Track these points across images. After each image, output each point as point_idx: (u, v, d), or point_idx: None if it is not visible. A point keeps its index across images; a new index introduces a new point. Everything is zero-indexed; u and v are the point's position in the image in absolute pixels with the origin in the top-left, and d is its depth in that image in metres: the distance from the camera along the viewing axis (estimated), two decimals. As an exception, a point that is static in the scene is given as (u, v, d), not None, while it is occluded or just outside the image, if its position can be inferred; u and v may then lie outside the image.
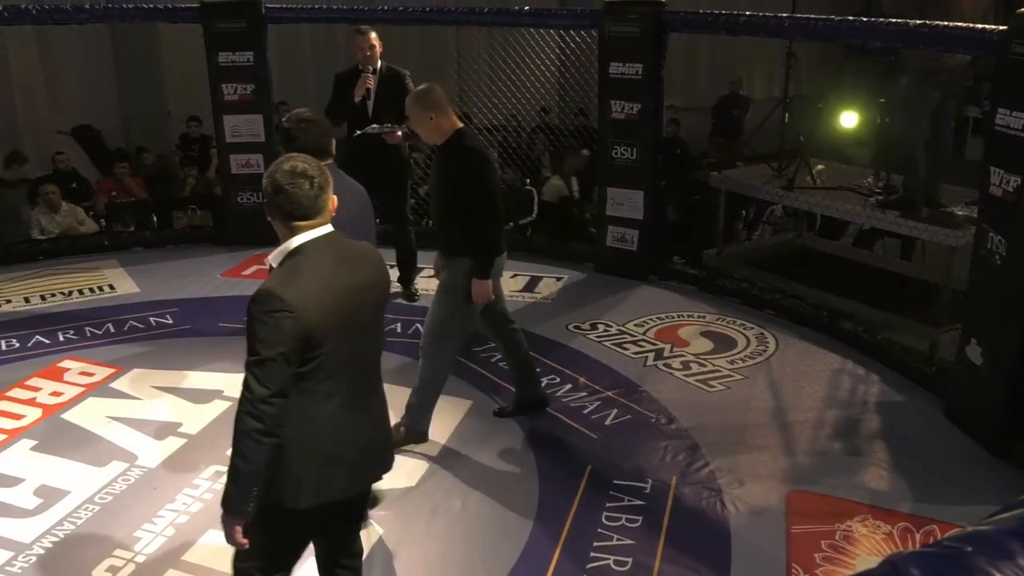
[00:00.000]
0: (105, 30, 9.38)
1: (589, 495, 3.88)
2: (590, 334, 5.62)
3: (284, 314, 2.26)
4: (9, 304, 6.15)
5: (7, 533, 3.57)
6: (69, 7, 7.08)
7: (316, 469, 2.44)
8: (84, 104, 9.42)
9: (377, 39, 5.73)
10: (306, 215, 2.41)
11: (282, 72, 7.26)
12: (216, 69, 7.09)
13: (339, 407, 2.45)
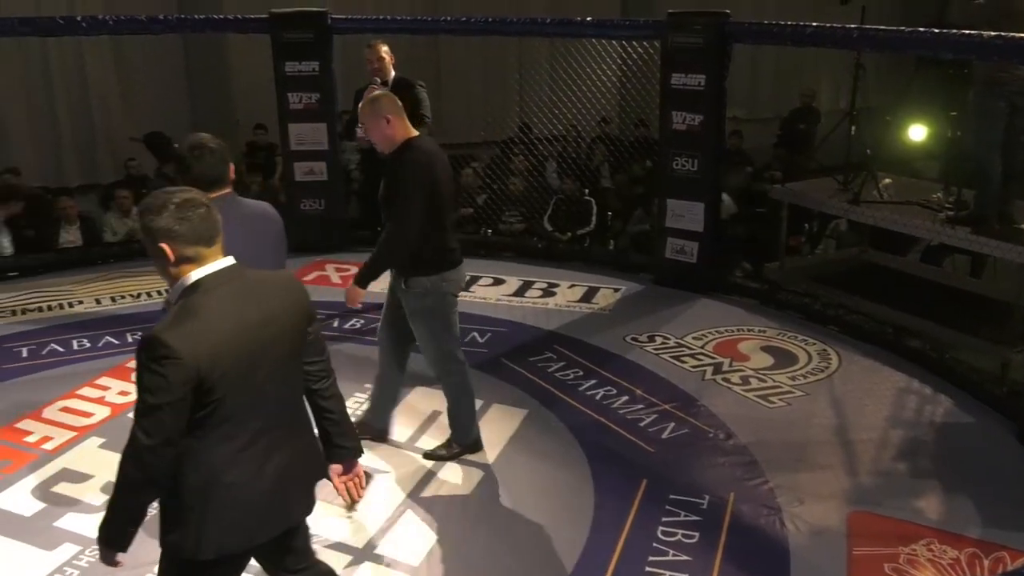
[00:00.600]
0: (177, 40, 9.65)
1: (645, 509, 3.85)
2: (647, 346, 5.57)
3: (171, 361, 2.10)
4: (81, 305, 6.35)
5: (75, 528, 3.67)
6: (144, 18, 7.30)
7: (216, 517, 2.28)
8: (156, 111, 9.69)
9: (388, 52, 5.76)
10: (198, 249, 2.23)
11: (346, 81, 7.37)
12: (283, 78, 7.24)
13: (239, 451, 2.28)
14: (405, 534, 3.67)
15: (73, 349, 5.53)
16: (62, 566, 3.44)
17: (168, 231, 2.20)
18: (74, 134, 9.53)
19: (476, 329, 5.85)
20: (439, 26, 7.92)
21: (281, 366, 2.34)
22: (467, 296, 6.51)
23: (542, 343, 5.64)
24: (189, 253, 2.23)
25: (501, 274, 7.02)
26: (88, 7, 8.99)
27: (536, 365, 5.29)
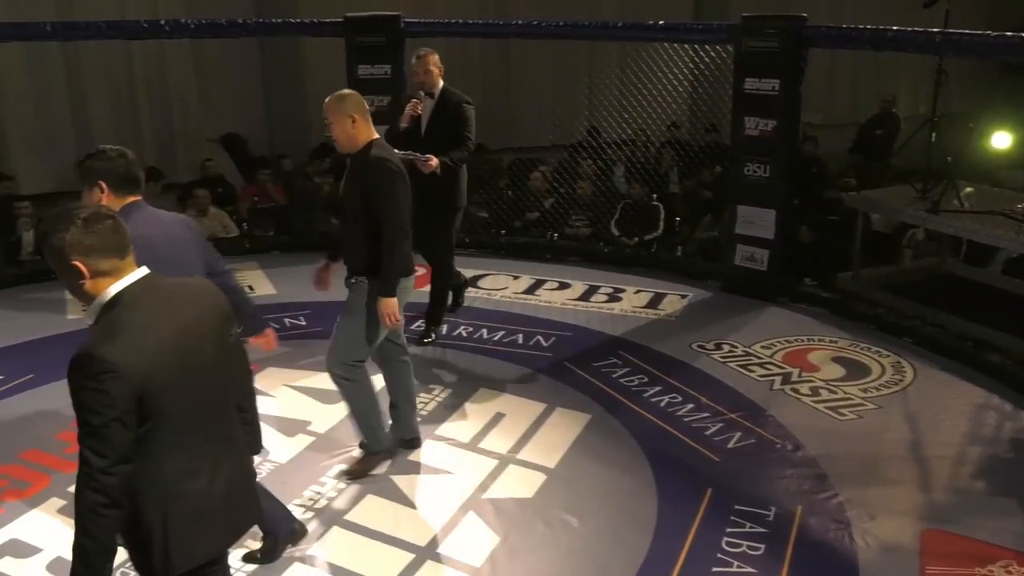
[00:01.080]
0: (254, 43, 9.88)
1: (709, 518, 3.79)
2: (714, 354, 5.50)
3: (109, 376, 2.03)
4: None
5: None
6: (224, 22, 7.49)
7: (180, 530, 2.23)
8: (232, 113, 9.93)
9: (437, 63, 5.40)
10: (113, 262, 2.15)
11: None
12: (355, 81, 7.35)
13: (189, 460, 2.23)
14: (467, 535, 3.68)
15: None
16: (136, 553, 3.54)
17: (79, 245, 2.11)
18: (155, 134, 9.81)
19: (541, 333, 5.85)
20: (510, 30, 7.95)
21: (212, 373, 2.29)
22: (532, 299, 6.54)
23: (607, 348, 5.61)
24: (104, 267, 2.14)
25: (567, 278, 7.01)
26: (170, 10, 9.26)
27: (600, 370, 5.27)
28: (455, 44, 10.46)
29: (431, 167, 5.07)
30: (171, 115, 9.78)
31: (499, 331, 5.89)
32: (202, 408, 2.27)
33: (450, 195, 5.43)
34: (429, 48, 5.44)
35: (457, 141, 5.26)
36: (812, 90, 6.39)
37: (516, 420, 4.66)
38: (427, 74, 5.33)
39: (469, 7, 10.81)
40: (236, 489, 2.38)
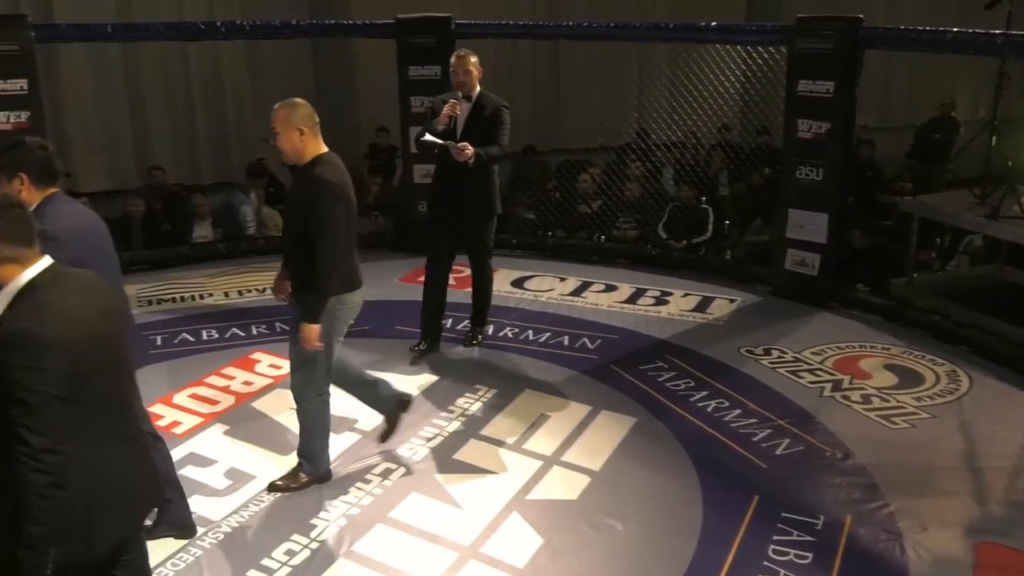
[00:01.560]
0: (307, 44, 10.01)
1: (756, 525, 3.75)
2: (763, 359, 5.43)
3: (47, 351, 2.04)
4: (211, 297, 6.67)
5: (200, 509, 3.84)
6: (278, 23, 7.60)
7: (103, 512, 2.21)
8: (285, 113, 10.06)
9: (476, 64, 5.24)
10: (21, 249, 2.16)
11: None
12: (405, 82, 7.41)
13: (111, 444, 2.25)
14: (510, 535, 3.69)
15: (202, 339, 5.81)
16: (187, 545, 3.60)
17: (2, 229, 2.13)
18: (209, 134, 9.99)
19: (586, 335, 5.84)
20: (560, 31, 7.94)
21: (119, 363, 2.35)
22: (578, 301, 6.52)
23: (653, 351, 5.58)
24: (12, 254, 2.15)
25: (613, 280, 6.97)
26: (226, 12, 9.42)
27: (646, 373, 5.24)
28: (505, 45, 10.50)
29: (466, 156, 4.95)
30: (225, 115, 9.94)
31: (545, 332, 5.89)
32: (118, 394, 2.33)
33: (484, 199, 5.29)
34: (468, 49, 5.32)
35: (491, 142, 5.18)
36: (866, 92, 6.26)
37: (561, 422, 4.65)
38: (466, 75, 5.18)
39: (520, 8, 10.83)
40: (146, 471, 2.47)
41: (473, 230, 5.36)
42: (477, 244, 5.45)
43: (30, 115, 6.59)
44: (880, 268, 6.66)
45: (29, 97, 6.58)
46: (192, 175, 9.62)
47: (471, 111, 5.20)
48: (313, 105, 3.81)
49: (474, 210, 5.29)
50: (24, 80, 6.53)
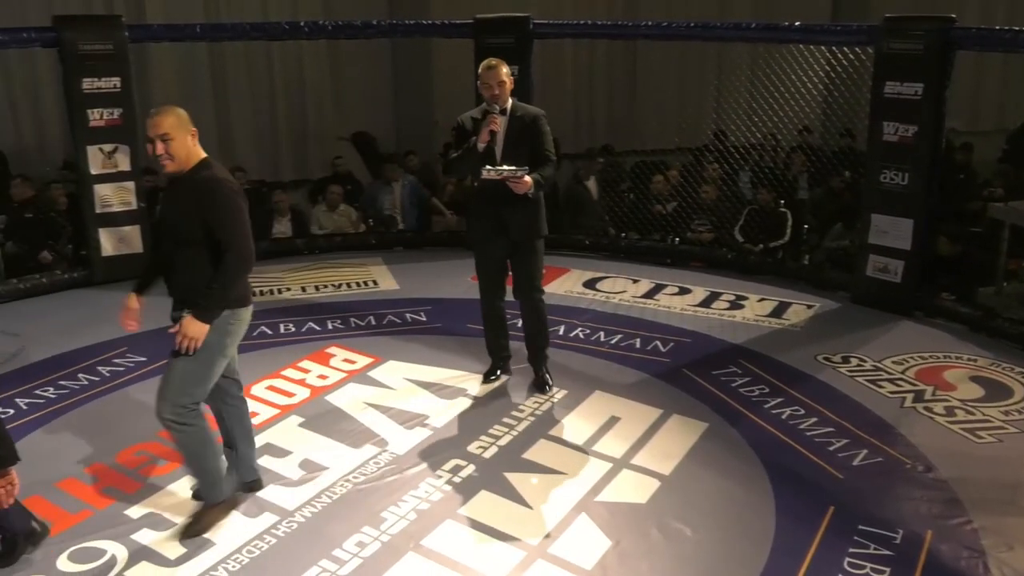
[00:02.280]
0: (387, 44, 10.16)
1: (831, 537, 3.65)
2: (841, 367, 5.30)
3: None
4: (289, 292, 6.82)
5: (275, 499, 3.93)
6: (359, 23, 7.73)
7: None
8: (363, 112, 10.24)
9: (508, 74, 4.66)
10: None
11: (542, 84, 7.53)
12: (482, 82, 7.43)
13: None
14: (578, 537, 3.67)
15: (280, 332, 5.94)
16: (261, 533, 3.69)
17: None
18: (289, 132, 10.23)
19: (658, 338, 5.78)
20: (639, 31, 7.87)
21: None
22: (651, 304, 6.46)
23: (727, 356, 5.49)
24: None
25: (687, 283, 6.90)
26: (309, 12, 9.63)
27: (719, 378, 5.16)
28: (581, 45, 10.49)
29: (527, 186, 4.45)
30: (306, 114, 10.16)
31: (616, 334, 5.85)
32: None
33: (535, 222, 4.74)
34: (498, 58, 4.73)
35: (540, 160, 4.65)
36: (955, 94, 6.04)
37: (631, 424, 4.61)
38: (500, 86, 4.62)
39: (597, 8, 10.81)
40: None
41: (522, 259, 4.81)
42: (527, 282, 4.85)
43: (122, 112, 6.85)
44: (967, 276, 6.43)
45: (122, 95, 6.83)
46: (272, 172, 9.85)
47: (507, 125, 4.67)
48: (391, 104, 3.83)
49: (523, 234, 4.74)
50: (118, 78, 6.79)
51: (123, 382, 5.18)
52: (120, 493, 3.98)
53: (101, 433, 4.52)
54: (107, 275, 6.98)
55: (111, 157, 6.88)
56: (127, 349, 5.61)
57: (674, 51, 10.48)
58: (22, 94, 8.84)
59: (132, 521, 3.77)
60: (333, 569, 3.45)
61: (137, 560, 3.51)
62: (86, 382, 5.16)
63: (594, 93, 11.11)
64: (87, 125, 6.76)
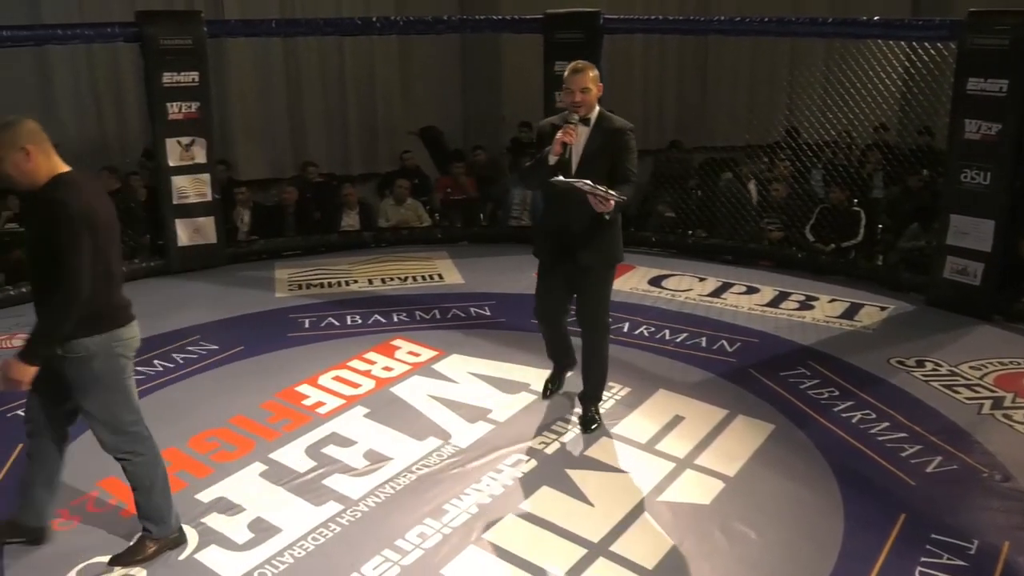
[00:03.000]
0: (456, 39, 10.21)
1: (901, 545, 3.55)
2: (915, 371, 5.15)
3: None
4: (356, 284, 6.91)
5: (340, 488, 3.99)
6: (430, 19, 7.79)
7: None
8: (431, 107, 10.32)
9: (596, 79, 4.11)
10: None
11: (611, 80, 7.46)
12: (552, 77, 7.43)
13: None
14: (640, 536, 3.64)
15: (347, 324, 6.03)
16: (326, 521, 3.75)
17: None
18: (359, 127, 10.36)
19: (725, 337, 5.70)
20: (711, 26, 7.76)
21: None
22: (717, 303, 6.38)
23: (795, 357, 5.39)
24: None
25: (755, 282, 6.79)
26: (382, 8, 9.73)
27: (787, 380, 5.06)
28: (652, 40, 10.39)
29: (609, 206, 3.83)
30: (375, 108, 10.27)
31: (682, 333, 5.79)
32: None
33: (609, 247, 4.26)
34: (586, 61, 4.23)
35: (621, 178, 4.08)
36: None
37: (695, 424, 4.56)
38: (584, 93, 4.07)
39: (669, 3, 10.69)
40: None
41: (588, 288, 4.33)
42: (590, 317, 4.37)
43: (199, 106, 7.03)
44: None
45: (200, 89, 7.01)
46: (342, 166, 10.00)
47: (589, 137, 4.14)
48: (459, 99, 3.81)
49: (592, 258, 4.23)
50: (196, 73, 6.97)
51: (195, 369, 5.31)
52: (192, 477, 4.09)
53: (174, 418, 4.65)
54: (183, 264, 7.19)
55: (188, 149, 7.07)
56: (200, 337, 5.76)
57: (746, 46, 10.30)
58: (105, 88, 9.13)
59: (203, 505, 3.87)
60: (395, 559, 3.49)
61: (207, 543, 3.60)
62: (161, 368, 5.31)
63: (663, 88, 10.99)
64: (166, 118, 6.95)
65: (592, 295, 4.35)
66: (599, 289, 4.34)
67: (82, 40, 6.79)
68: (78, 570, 3.44)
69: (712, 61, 10.96)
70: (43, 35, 6.69)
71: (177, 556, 3.52)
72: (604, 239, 4.20)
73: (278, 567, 3.46)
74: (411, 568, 3.43)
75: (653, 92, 10.99)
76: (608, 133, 4.14)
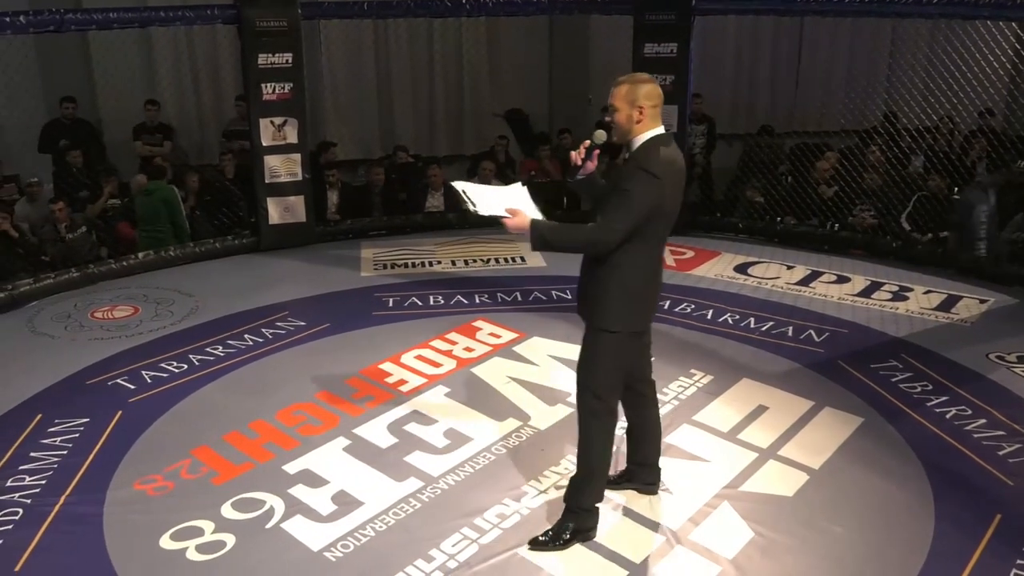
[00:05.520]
0: (544, 21, 10.15)
1: (996, 546, 3.42)
2: (1016, 367, 4.94)
3: None
4: (440, 265, 6.98)
5: (421, 465, 4.06)
6: (519, 0, 7.75)
7: None
8: (518, 89, 10.29)
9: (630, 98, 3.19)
10: None
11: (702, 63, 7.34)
12: (640, 60, 7.34)
13: None
14: (721, 525, 3.60)
15: (430, 304, 6.10)
16: (407, 497, 3.82)
17: None
18: (446, 109, 10.40)
19: (813, 327, 5.56)
20: (810, 6, 7.50)
21: None
22: (805, 291, 6.23)
23: (887, 350, 5.23)
24: None
25: (846, 271, 6.60)
26: (470, -10, 9.72)
27: (878, 372, 4.91)
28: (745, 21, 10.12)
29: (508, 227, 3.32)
30: (462, 90, 10.30)
31: (768, 321, 5.67)
32: None
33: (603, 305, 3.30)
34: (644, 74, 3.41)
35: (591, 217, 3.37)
36: None
37: (779, 415, 4.47)
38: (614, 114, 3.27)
39: (761, -17, 10.37)
40: None
41: None
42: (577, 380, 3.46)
43: (292, 86, 7.18)
44: None
45: (293, 70, 7.16)
46: (428, 147, 10.08)
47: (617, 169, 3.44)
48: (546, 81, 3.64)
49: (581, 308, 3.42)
50: (290, 54, 7.12)
51: (283, 344, 5.46)
52: (279, 449, 4.21)
53: (264, 391, 4.79)
54: (273, 242, 7.38)
55: (281, 130, 7.24)
56: (288, 314, 5.91)
57: (845, 26, 9.95)
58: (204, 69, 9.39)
59: (289, 476, 3.98)
60: (474, 537, 3.52)
61: (292, 513, 3.71)
62: (251, 343, 5.48)
63: (755, 71, 10.72)
64: (260, 99, 7.12)
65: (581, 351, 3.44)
66: (584, 349, 3.41)
67: (183, 22, 7.00)
68: (171, 533, 3.58)
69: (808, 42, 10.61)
70: (147, 17, 6.92)
71: (264, 525, 3.63)
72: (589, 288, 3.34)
73: (360, 539, 3.54)
74: (489, 547, 3.46)
75: (744, 77, 10.73)
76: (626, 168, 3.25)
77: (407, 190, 8.46)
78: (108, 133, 8.64)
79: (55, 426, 4.45)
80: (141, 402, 4.71)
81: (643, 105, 3.19)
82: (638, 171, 3.16)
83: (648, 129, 3.19)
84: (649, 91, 3.18)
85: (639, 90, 3.20)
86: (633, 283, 3.27)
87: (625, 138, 3.26)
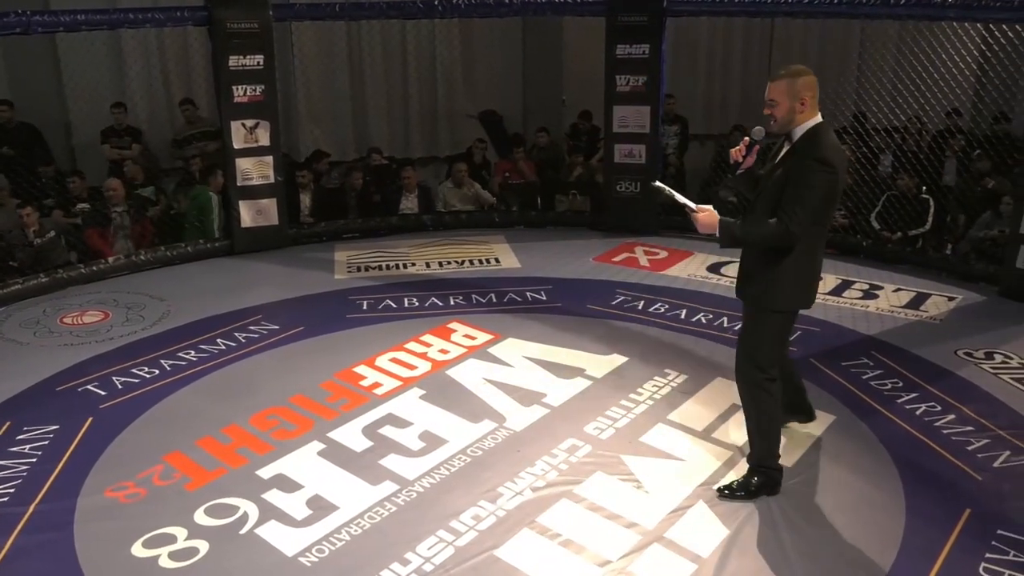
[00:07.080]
0: (517, 23, 10.16)
1: (966, 541, 3.47)
2: (984, 364, 5.00)
3: None
4: (414, 267, 6.97)
5: (396, 468, 4.04)
6: (492, 1, 7.75)
7: None
8: (492, 91, 10.29)
9: (792, 91, 3.40)
10: None
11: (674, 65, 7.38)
12: (612, 61, 7.38)
13: None
14: (695, 524, 3.62)
15: (404, 306, 6.08)
16: (382, 500, 3.80)
17: None
18: (420, 111, 10.38)
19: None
20: (781, 7, 7.56)
21: None
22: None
23: (858, 348, 5.28)
24: None
25: (819, 271, 6.65)
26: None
27: (849, 370, 4.96)
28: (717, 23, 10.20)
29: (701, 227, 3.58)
30: (436, 93, 10.29)
31: (740, 321, 5.70)
32: None
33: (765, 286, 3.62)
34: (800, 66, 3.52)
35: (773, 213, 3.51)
36: None
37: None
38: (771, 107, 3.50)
39: (734, -16, 10.44)
40: None
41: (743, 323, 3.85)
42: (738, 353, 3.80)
43: (264, 88, 7.14)
44: None
45: (264, 72, 7.12)
46: (403, 149, 10.05)
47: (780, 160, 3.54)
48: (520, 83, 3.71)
49: (743, 289, 3.75)
50: (261, 56, 7.07)
51: (257, 348, 5.42)
52: (253, 454, 4.18)
53: (237, 396, 4.76)
54: (246, 245, 7.33)
55: (252, 132, 7.19)
56: (262, 317, 5.87)
57: (814, 28, 10.05)
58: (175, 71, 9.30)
59: (263, 481, 3.95)
60: (450, 539, 3.52)
61: (267, 519, 3.68)
62: (224, 347, 5.43)
63: (728, 73, 10.81)
64: (232, 101, 7.07)
65: (743, 332, 3.78)
66: (747, 328, 3.73)
67: (153, 24, 6.93)
68: (143, 540, 3.54)
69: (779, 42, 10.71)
70: (117, 19, 6.84)
71: (238, 531, 3.61)
72: (758, 272, 3.61)
73: (335, 544, 3.52)
74: (465, 549, 3.46)
75: (717, 75, 10.81)
76: (796, 159, 3.39)
77: (381, 192, 8.44)
78: (77, 136, 8.54)
79: (24, 433, 4.39)
80: (112, 408, 4.66)
81: (805, 97, 3.41)
82: (812, 163, 3.35)
83: (809, 119, 3.40)
84: (808, 82, 3.39)
85: (799, 82, 3.41)
86: (806, 266, 3.57)
87: (786, 129, 3.48)
